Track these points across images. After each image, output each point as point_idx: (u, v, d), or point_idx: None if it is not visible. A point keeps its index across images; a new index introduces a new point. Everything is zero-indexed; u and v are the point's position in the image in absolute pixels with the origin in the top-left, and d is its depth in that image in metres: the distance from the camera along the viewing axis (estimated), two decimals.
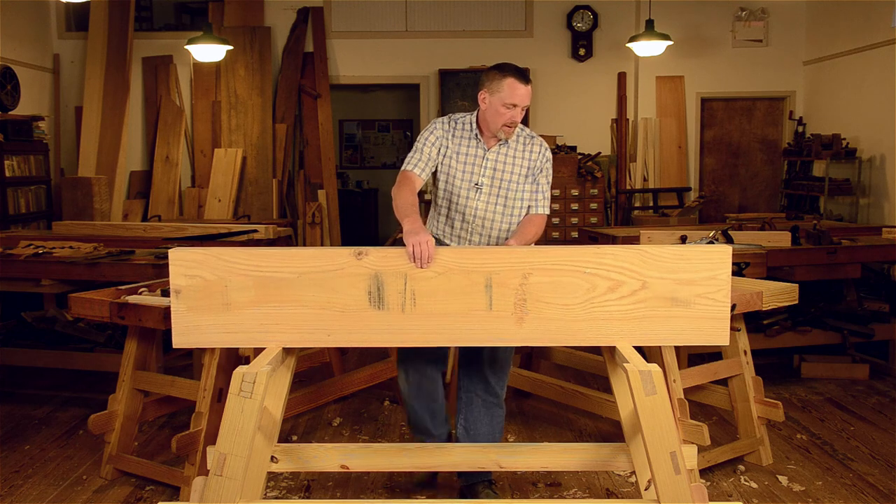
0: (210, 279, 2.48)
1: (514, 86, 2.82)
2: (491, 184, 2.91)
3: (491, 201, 2.92)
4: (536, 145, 2.96)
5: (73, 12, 7.77)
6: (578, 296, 2.47)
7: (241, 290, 2.48)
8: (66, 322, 4.31)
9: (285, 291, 2.48)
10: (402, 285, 2.49)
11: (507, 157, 2.92)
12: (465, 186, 2.93)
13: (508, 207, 2.94)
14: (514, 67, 2.89)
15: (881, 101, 6.67)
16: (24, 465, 3.44)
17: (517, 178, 2.92)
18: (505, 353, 2.99)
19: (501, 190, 2.92)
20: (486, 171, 2.91)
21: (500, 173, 2.91)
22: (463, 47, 7.84)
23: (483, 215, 2.94)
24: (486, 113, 2.88)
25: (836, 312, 4.69)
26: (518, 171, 2.92)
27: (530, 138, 2.98)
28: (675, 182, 8.00)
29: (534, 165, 2.94)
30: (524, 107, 2.86)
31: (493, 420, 3.03)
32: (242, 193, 7.66)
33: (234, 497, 2.22)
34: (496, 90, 2.83)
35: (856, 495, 3.12)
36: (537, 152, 2.94)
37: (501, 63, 2.96)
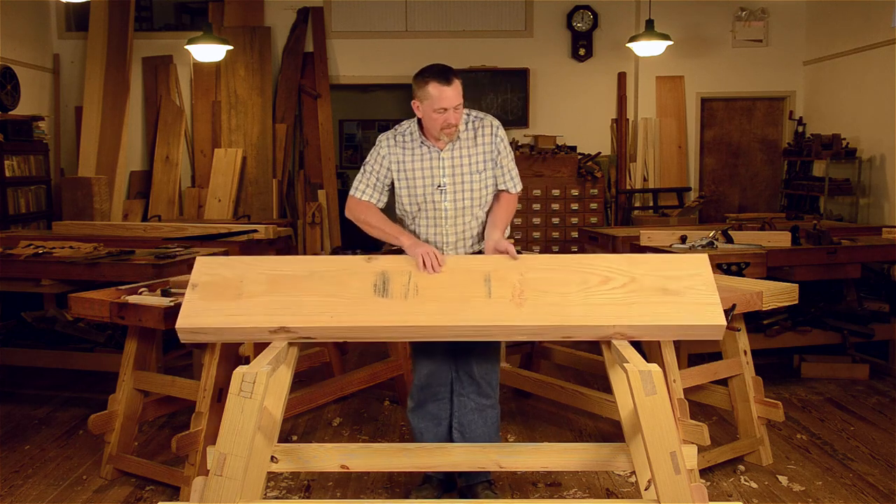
0: (228, 276, 2.65)
1: (438, 89, 2.71)
2: (453, 182, 2.84)
3: (458, 198, 2.85)
4: (486, 127, 2.86)
5: (73, 12, 7.77)
6: (573, 286, 2.61)
7: (255, 283, 2.64)
8: (66, 322, 4.31)
9: (295, 284, 2.64)
10: (407, 280, 2.66)
11: (462, 150, 2.84)
12: (428, 192, 2.85)
13: (476, 199, 2.87)
14: (436, 70, 2.77)
15: (881, 101, 6.67)
16: (24, 465, 3.44)
17: (477, 167, 2.85)
18: (493, 354, 2.98)
19: (465, 185, 2.85)
20: (444, 170, 2.84)
21: (459, 168, 2.84)
22: (463, 47, 7.84)
23: (454, 214, 2.88)
24: (423, 121, 2.81)
25: (836, 312, 4.69)
26: (476, 160, 2.85)
27: (477, 121, 2.88)
28: (675, 182, 8.00)
29: (490, 149, 2.86)
30: (456, 106, 2.73)
31: (486, 422, 3.02)
32: (242, 193, 7.66)
33: (234, 497, 2.22)
34: (423, 97, 2.74)
35: (856, 495, 3.12)
36: (488, 135, 2.86)
37: (423, 68, 2.82)
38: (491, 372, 3.00)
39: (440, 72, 2.75)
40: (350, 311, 2.56)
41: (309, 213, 7.60)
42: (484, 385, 2.98)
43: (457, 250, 2.92)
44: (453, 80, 2.74)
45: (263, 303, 2.60)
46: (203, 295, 2.61)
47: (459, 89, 2.75)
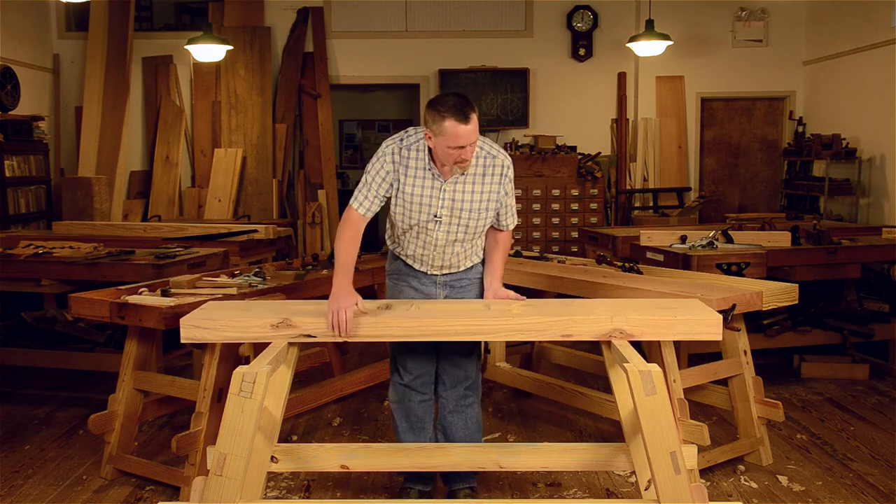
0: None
1: (454, 128, 2.55)
2: (451, 214, 2.75)
3: (451, 230, 2.78)
4: (497, 167, 2.75)
5: (73, 12, 7.77)
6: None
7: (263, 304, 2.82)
8: (66, 322, 4.31)
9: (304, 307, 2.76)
10: (410, 305, 2.78)
11: (466, 185, 2.73)
12: (423, 218, 2.76)
13: (470, 234, 2.81)
14: (454, 104, 2.58)
15: (881, 101, 6.67)
16: (24, 465, 3.44)
17: (478, 205, 2.75)
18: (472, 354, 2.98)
19: (462, 220, 2.76)
20: (444, 202, 2.73)
21: (458, 203, 2.74)
22: (463, 47, 7.84)
23: (444, 244, 2.82)
24: (434, 151, 2.68)
25: (836, 312, 4.69)
26: (478, 198, 2.75)
27: (490, 158, 2.75)
28: (675, 182, 8.00)
29: (496, 190, 2.77)
30: (472, 143, 2.61)
31: (466, 423, 3.01)
32: (242, 193, 7.66)
33: (234, 497, 2.22)
34: (438, 132, 2.60)
35: (856, 495, 3.12)
36: (497, 175, 2.75)
37: (439, 98, 2.67)
38: (470, 375, 2.98)
39: (458, 108, 2.57)
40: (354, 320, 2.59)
41: (309, 213, 7.60)
42: (469, 391, 2.99)
43: (441, 271, 2.91)
44: (471, 116, 2.58)
45: (268, 307, 2.70)
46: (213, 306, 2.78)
47: (476, 124, 2.61)
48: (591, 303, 2.92)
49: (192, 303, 3.12)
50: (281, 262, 4.29)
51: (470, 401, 3.02)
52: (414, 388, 2.97)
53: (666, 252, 4.37)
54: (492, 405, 4.24)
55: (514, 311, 2.68)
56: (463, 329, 2.58)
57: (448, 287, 2.94)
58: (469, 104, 2.61)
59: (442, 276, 2.93)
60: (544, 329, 2.59)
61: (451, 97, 2.64)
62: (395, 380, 3.01)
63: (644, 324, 2.56)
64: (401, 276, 2.97)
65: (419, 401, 2.98)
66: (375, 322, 2.57)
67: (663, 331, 2.58)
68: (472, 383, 3.00)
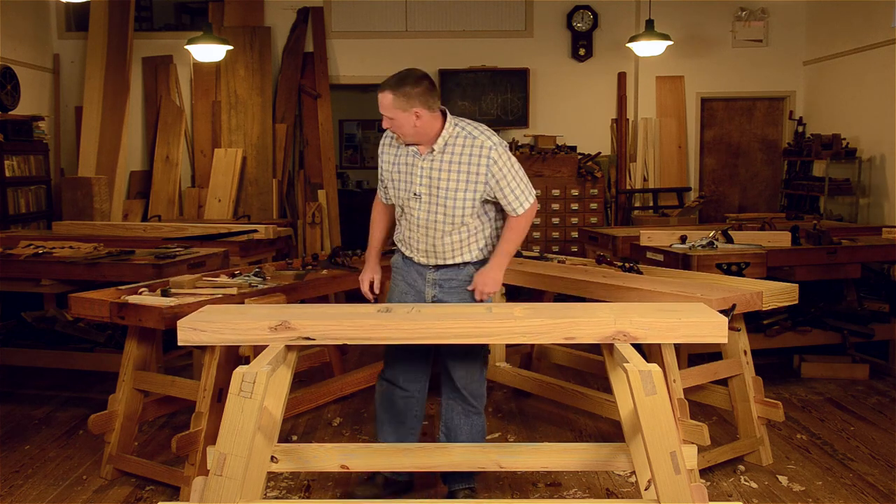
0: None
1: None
2: (429, 192, 2.80)
3: (431, 210, 2.81)
4: (476, 147, 2.76)
5: (73, 12, 7.77)
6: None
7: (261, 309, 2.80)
8: (66, 322, 4.31)
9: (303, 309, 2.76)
10: (410, 308, 2.77)
11: (444, 163, 2.77)
12: (404, 196, 2.87)
13: (449, 217, 2.80)
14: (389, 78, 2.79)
15: (881, 101, 6.67)
16: (24, 465, 3.44)
17: (455, 184, 2.76)
18: (475, 363, 2.96)
19: (440, 199, 2.79)
20: (422, 179, 2.81)
21: (436, 181, 2.78)
22: (463, 47, 7.84)
23: (425, 224, 2.84)
24: None
25: (836, 312, 4.69)
26: (456, 177, 2.76)
27: (470, 139, 2.77)
28: (675, 182, 8.00)
29: (475, 171, 2.75)
30: (388, 117, 2.76)
31: (472, 428, 3.01)
32: (242, 193, 7.66)
33: (234, 497, 2.22)
34: None
35: (856, 495, 3.12)
36: (476, 156, 2.75)
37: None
38: (472, 382, 2.97)
39: (387, 78, 2.78)
40: (354, 323, 2.59)
41: (309, 213, 7.60)
42: (466, 394, 2.97)
43: (428, 258, 2.92)
44: (382, 89, 2.74)
45: (266, 311, 2.70)
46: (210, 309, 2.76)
47: (386, 100, 2.73)
48: (594, 305, 2.91)
49: (192, 303, 3.12)
50: (281, 263, 4.29)
51: (476, 409, 3.00)
52: (395, 382, 3.03)
53: (666, 252, 4.37)
54: (492, 405, 4.24)
55: (516, 313, 2.67)
56: (464, 332, 2.57)
57: (437, 286, 2.94)
58: (393, 79, 2.75)
59: (432, 274, 2.94)
60: (547, 332, 2.57)
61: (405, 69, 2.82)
62: (381, 372, 3.10)
63: (647, 326, 2.55)
64: (398, 270, 3.03)
65: (401, 396, 3.04)
66: (375, 324, 2.57)
67: (667, 333, 2.57)
68: (473, 391, 2.97)
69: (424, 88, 2.73)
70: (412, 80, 2.74)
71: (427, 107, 2.74)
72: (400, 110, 2.73)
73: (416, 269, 2.96)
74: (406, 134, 2.79)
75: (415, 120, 2.74)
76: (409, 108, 2.72)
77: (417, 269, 2.96)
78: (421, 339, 2.59)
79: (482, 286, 2.86)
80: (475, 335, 2.59)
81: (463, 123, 2.82)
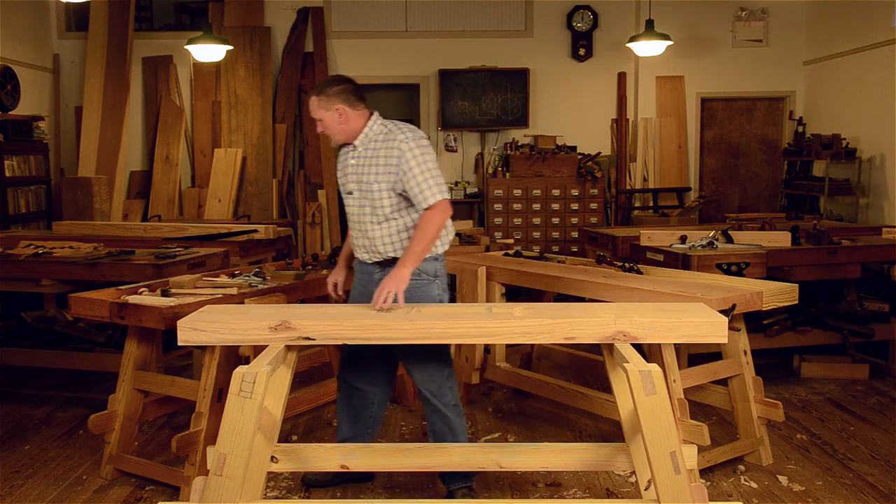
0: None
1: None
2: (358, 188, 2.95)
3: (361, 204, 2.96)
4: (394, 140, 2.89)
5: (73, 12, 7.77)
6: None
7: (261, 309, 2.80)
8: (66, 322, 4.31)
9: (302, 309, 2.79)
10: (410, 308, 2.79)
11: (366, 158, 2.93)
12: (343, 192, 3.04)
13: (377, 209, 2.91)
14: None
15: (881, 101, 6.67)
16: (24, 465, 3.44)
17: (375, 178, 2.89)
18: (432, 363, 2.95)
19: (366, 193, 2.92)
20: (351, 176, 2.98)
21: (362, 177, 2.93)
22: (463, 47, 7.84)
23: (358, 219, 2.99)
24: None
25: (836, 312, 4.69)
26: (376, 171, 2.89)
27: (389, 134, 2.92)
28: (675, 182, 8.00)
29: (392, 163, 2.87)
30: (317, 119, 2.94)
31: (450, 429, 3.00)
32: (242, 193, 7.66)
33: (234, 497, 2.22)
34: None
35: (856, 495, 3.12)
36: (393, 148, 2.87)
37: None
38: (431, 382, 2.96)
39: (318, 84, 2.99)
40: (353, 323, 2.59)
41: (309, 213, 7.60)
42: (428, 395, 2.98)
43: (368, 255, 3.02)
44: (311, 96, 2.96)
45: (266, 311, 2.71)
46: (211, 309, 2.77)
47: (313, 104, 2.93)
48: (594, 305, 2.91)
49: (192, 303, 3.12)
50: (281, 262, 4.29)
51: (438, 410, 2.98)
52: (352, 383, 3.13)
53: (666, 252, 4.37)
54: (492, 405, 4.24)
55: (516, 313, 2.67)
56: (464, 331, 2.58)
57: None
58: (319, 85, 2.96)
59: (377, 274, 3.00)
60: (547, 332, 2.58)
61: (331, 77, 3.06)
62: (339, 371, 3.21)
63: (647, 326, 2.55)
64: (356, 273, 3.16)
65: (358, 396, 3.16)
66: (375, 324, 2.57)
67: (667, 333, 2.57)
68: (434, 391, 2.97)
69: (344, 88, 2.93)
70: (332, 82, 2.96)
71: (349, 104, 2.92)
72: (324, 110, 2.92)
73: (366, 270, 3.07)
74: (335, 133, 2.96)
75: (338, 117, 2.92)
76: (332, 107, 2.91)
77: (366, 270, 3.06)
78: (421, 339, 2.59)
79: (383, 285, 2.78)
80: (475, 335, 2.60)
81: (387, 122, 2.99)
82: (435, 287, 2.98)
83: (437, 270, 3.00)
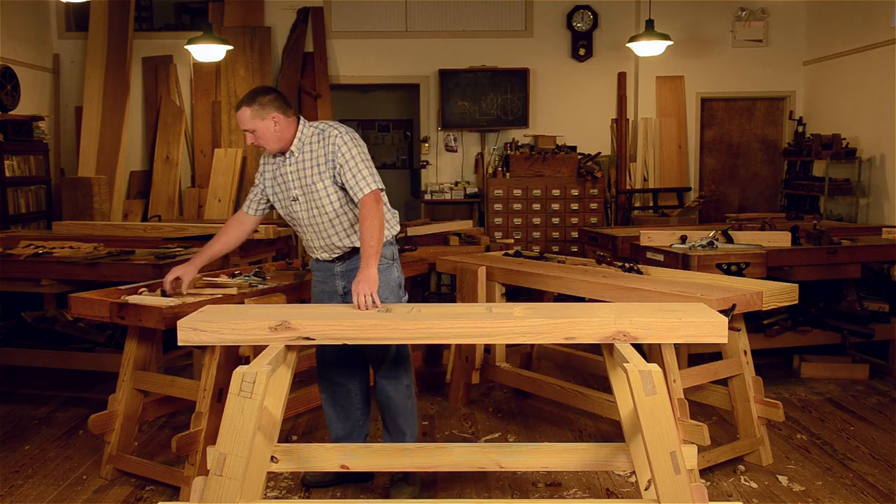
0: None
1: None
2: (303, 193, 2.97)
3: (309, 207, 2.97)
4: (327, 138, 2.93)
5: (73, 12, 7.77)
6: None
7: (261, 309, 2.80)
8: (66, 322, 4.31)
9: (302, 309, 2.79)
10: (410, 308, 2.80)
11: (305, 162, 2.95)
12: (286, 202, 3.03)
13: (325, 209, 2.95)
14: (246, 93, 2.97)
15: (881, 101, 6.67)
16: (24, 465, 3.44)
17: (319, 177, 2.92)
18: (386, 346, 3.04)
19: (312, 195, 2.95)
20: (293, 182, 2.98)
21: (303, 180, 2.95)
22: (463, 47, 7.84)
23: (310, 223, 3.00)
24: None
25: (836, 312, 4.69)
26: (318, 170, 2.92)
27: (321, 133, 2.95)
28: (675, 182, 8.00)
29: (328, 159, 2.91)
30: (248, 130, 2.92)
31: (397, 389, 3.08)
32: (242, 193, 7.65)
33: (234, 497, 2.22)
34: None
35: (856, 495, 3.12)
36: (328, 144, 2.91)
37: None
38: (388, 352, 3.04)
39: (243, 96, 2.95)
40: (353, 323, 2.59)
41: None
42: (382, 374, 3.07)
43: (328, 253, 3.05)
44: (238, 108, 2.93)
45: (266, 311, 2.72)
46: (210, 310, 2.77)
47: (244, 116, 2.90)
48: (594, 305, 2.91)
49: (192, 303, 3.12)
50: (281, 262, 4.29)
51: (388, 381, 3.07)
52: (331, 380, 3.17)
53: (666, 252, 4.37)
54: (492, 405, 4.24)
55: (516, 313, 2.67)
56: (464, 331, 2.58)
57: (345, 278, 3.04)
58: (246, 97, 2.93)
59: (339, 266, 3.06)
60: (547, 331, 2.58)
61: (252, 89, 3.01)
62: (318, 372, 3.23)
63: (647, 326, 2.55)
64: (314, 273, 3.18)
65: (340, 392, 3.19)
66: (375, 324, 2.57)
67: (667, 333, 2.57)
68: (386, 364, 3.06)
69: (275, 97, 2.94)
70: (262, 91, 2.96)
71: (282, 112, 2.93)
72: (259, 119, 2.90)
73: (325, 267, 3.11)
74: (269, 141, 2.95)
75: (273, 126, 2.92)
76: (267, 116, 2.91)
77: (326, 266, 3.11)
78: (420, 339, 2.59)
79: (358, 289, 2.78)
80: (475, 335, 2.60)
81: (316, 123, 3.00)
82: (394, 270, 3.08)
83: (394, 254, 3.10)
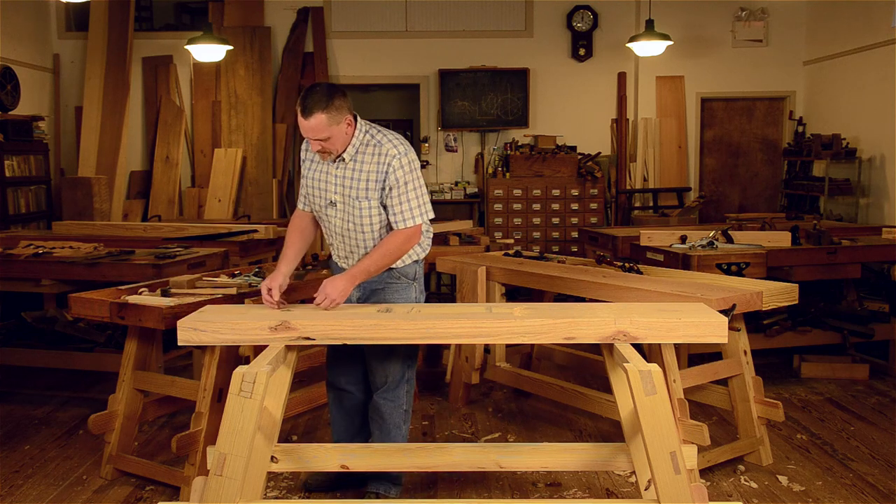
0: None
1: (299, 120, 2.70)
2: (343, 200, 2.84)
3: (346, 218, 2.86)
4: (381, 156, 2.77)
5: (73, 12, 7.77)
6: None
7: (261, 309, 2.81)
8: (66, 322, 4.31)
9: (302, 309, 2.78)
10: (410, 308, 2.80)
11: (355, 171, 2.80)
12: (322, 204, 2.90)
13: (366, 224, 2.84)
14: (303, 97, 2.69)
15: (881, 101, 6.67)
16: (24, 465, 3.44)
17: (364, 192, 2.79)
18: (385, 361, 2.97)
19: (354, 207, 2.82)
20: (336, 187, 2.84)
21: (348, 189, 2.82)
22: (463, 47, 7.84)
23: (342, 232, 2.90)
24: None
25: (836, 312, 4.69)
26: (364, 185, 2.79)
27: (378, 146, 2.79)
28: (675, 182, 8.00)
29: (378, 178, 2.78)
30: (321, 139, 2.69)
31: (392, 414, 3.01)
32: (242, 193, 7.66)
33: (234, 497, 2.22)
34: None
35: (856, 495, 3.12)
36: (381, 164, 2.77)
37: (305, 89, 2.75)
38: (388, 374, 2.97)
39: (303, 101, 2.67)
40: (354, 323, 2.59)
41: None
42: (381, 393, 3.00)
43: (350, 263, 2.97)
44: (311, 114, 2.65)
45: (268, 311, 2.72)
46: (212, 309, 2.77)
47: (321, 123, 2.66)
48: (594, 305, 2.92)
49: (192, 303, 3.12)
50: None
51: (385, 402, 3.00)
52: (339, 386, 3.12)
53: (666, 252, 4.37)
54: (492, 405, 4.24)
55: (516, 313, 2.67)
56: (464, 331, 2.58)
57: (360, 288, 2.96)
58: (318, 100, 2.65)
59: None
60: (547, 332, 2.58)
61: (312, 88, 2.71)
62: (327, 377, 3.18)
63: (647, 326, 2.55)
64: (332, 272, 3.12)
65: (347, 398, 3.14)
66: (375, 324, 2.57)
67: (667, 333, 2.57)
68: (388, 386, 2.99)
69: (345, 95, 2.73)
70: (331, 91, 2.70)
71: (352, 112, 2.76)
72: (335, 124, 2.69)
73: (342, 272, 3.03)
74: (339, 146, 2.76)
75: (346, 129, 2.74)
76: (342, 119, 2.71)
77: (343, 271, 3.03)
78: (421, 339, 2.59)
79: (325, 291, 2.76)
80: (475, 335, 2.61)
81: (373, 131, 2.83)
82: (413, 290, 2.99)
83: (416, 273, 3.01)
